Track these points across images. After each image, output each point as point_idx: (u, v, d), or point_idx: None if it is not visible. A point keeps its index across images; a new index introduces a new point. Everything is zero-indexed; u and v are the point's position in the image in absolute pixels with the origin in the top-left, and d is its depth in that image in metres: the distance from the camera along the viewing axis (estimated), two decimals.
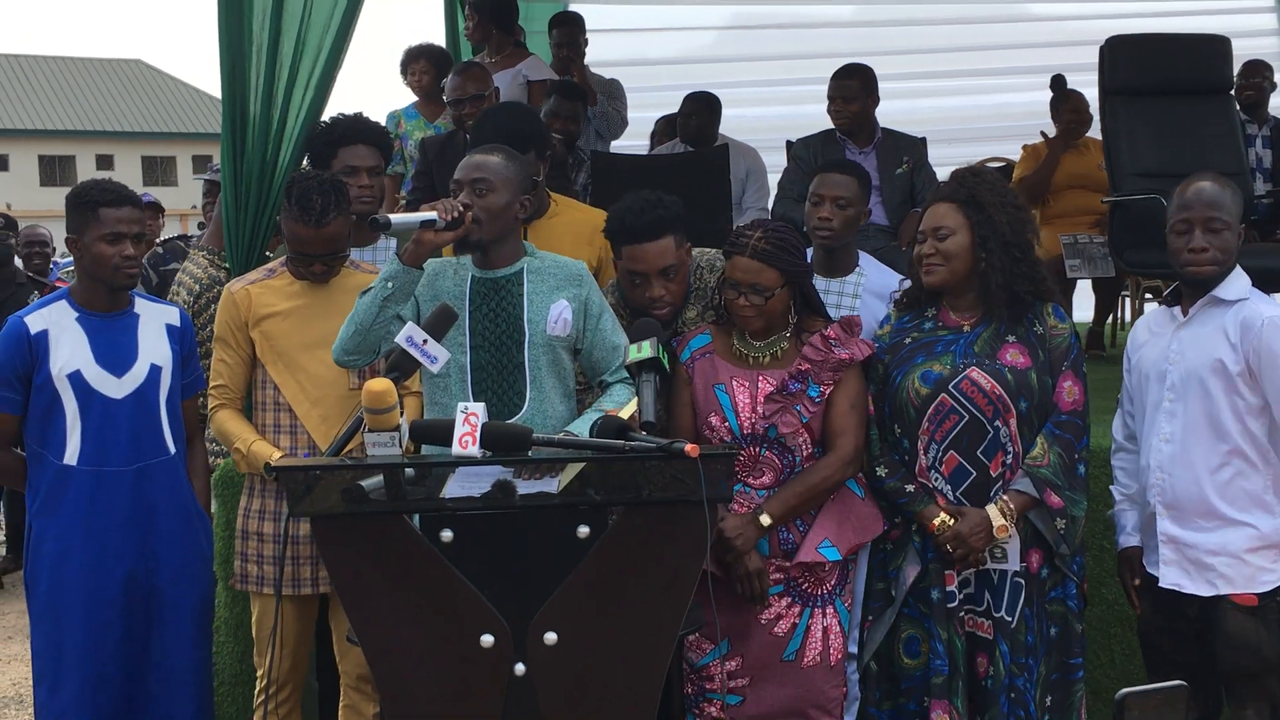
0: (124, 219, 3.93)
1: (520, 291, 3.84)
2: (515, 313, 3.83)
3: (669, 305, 4.11)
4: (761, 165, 7.49)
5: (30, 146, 44.67)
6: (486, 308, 3.82)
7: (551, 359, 3.85)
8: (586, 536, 2.98)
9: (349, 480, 3.01)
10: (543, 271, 3.88)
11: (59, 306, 4.01)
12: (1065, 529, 3.87)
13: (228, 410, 4.25)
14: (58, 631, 3.97)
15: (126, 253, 3.93)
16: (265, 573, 4.23)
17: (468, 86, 6.13)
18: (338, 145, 4.57)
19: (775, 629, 3.93)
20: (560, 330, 3.84)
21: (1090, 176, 7.65)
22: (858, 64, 6.43)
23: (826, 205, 4.50)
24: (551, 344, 3.84)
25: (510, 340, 3.82)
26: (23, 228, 9.11)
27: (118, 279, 3.97)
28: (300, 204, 4.09)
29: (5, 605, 7.71)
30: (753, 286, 3.88)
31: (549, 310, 3.83)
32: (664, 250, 4.02)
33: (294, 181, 4.21)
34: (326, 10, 4.94)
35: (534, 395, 3.81)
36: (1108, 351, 8.01)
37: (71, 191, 4.05)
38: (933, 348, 3.95)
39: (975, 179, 3.99)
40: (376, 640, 3.02)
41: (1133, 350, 4.06)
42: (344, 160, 4.54)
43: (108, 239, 3.92)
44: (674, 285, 4.09)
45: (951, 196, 3.95)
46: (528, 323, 3.82)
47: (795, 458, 3.93)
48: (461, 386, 3.81)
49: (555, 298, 3.85)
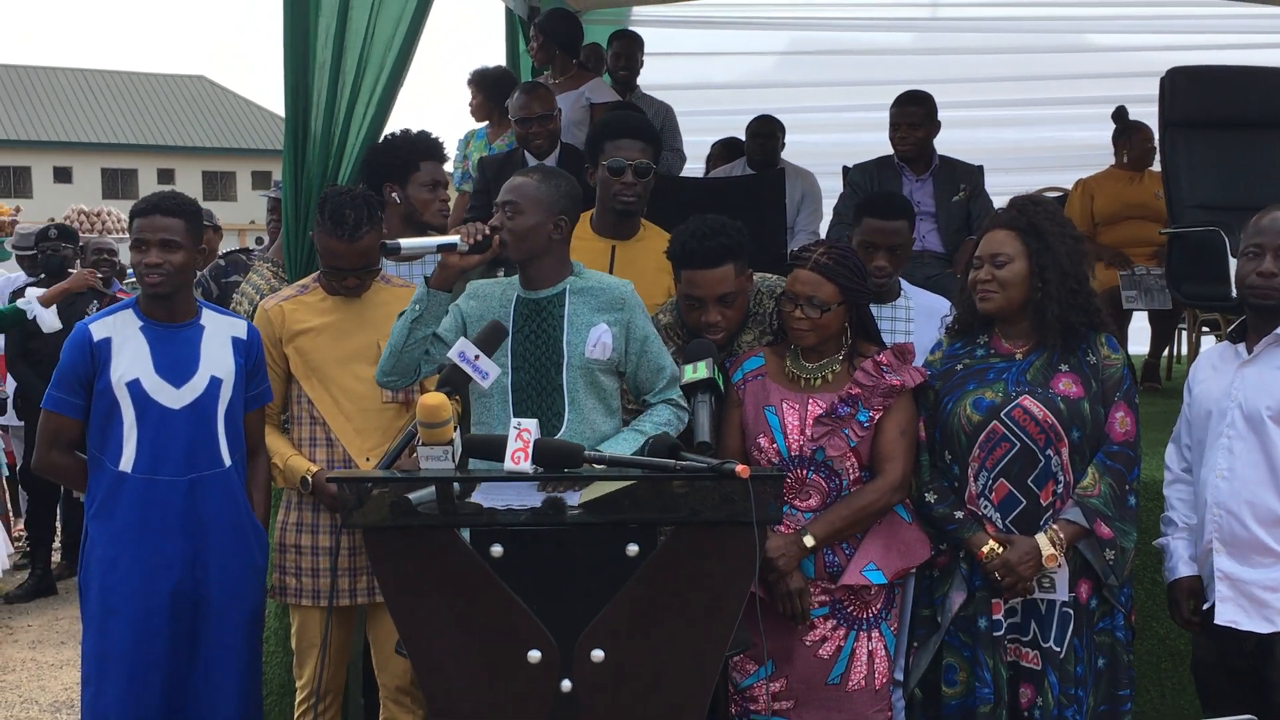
0: (147, 227, 3.98)
1: (561, 313, 3.87)
2: (555, 334, 3.85)
3: (724, 331, 4.13)
4: (817, 189, 7.50)
5: (94, 160, 45.23)
6: (529, 329, 3.85)
7: (590, 381, 3.86)
8: (635, 555, 2.99)
9: (400, 494, 3.04)
10: (585, 293, 3.90)
11: (124, 315, 4.06)
12: (1114, 560, 3.85)
13: (269, 425, 4.34)
14: (104, 635, 4.00)
15: (148, 260, 3.96)
16: (304, 585, 4.29)
17: (534, 106, 6.18)
18: (421, 158, 4.67)
19: (820, 651, 3.92)
20: (600, 354, 3.86)
21: (1147, 206, 7.59)
22: (921, 91, 6.45)
23: (881, 254, 4.53)
24: (589, 367, 3.85)
25: (549, 361, 3.84)
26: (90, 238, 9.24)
27: (145, 286, 4.03)
28: (333, 218, 4.16)
29: (60, 611, 7.80)
30: (810, 300, 3.89)
31: (588, 333, 3.86)
32: (723, 278, 4.06)
33: (327, 197, 4.27)
34: (389, 29, 5.01)
35: (572, 416, 3.83)
36: (1163, 384, 7.95)
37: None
38: (985, 375, 3.93)
39: (1035, 207, 3.97)
40: (425, 652, 3.05)
41: (1194, 384, 4.03)
42: (428, 174, 4.67)
43: (137, 247, 3.99)
44: (730, 312, 4.11)
45: (1010, 224, 3.94)
46: (567, 345, 3.84)
47: (842, 481, 3.93)
48: (504, 406, 3.84)
49: (596, 320, 3.87)
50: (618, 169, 4.57)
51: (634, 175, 4.58)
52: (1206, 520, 3.87)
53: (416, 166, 4.64)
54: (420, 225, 4.60)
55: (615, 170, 4.57)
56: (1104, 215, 7.76)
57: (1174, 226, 6.55)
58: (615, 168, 4.57)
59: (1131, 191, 7.82)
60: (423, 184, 4.62)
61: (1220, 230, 6.14)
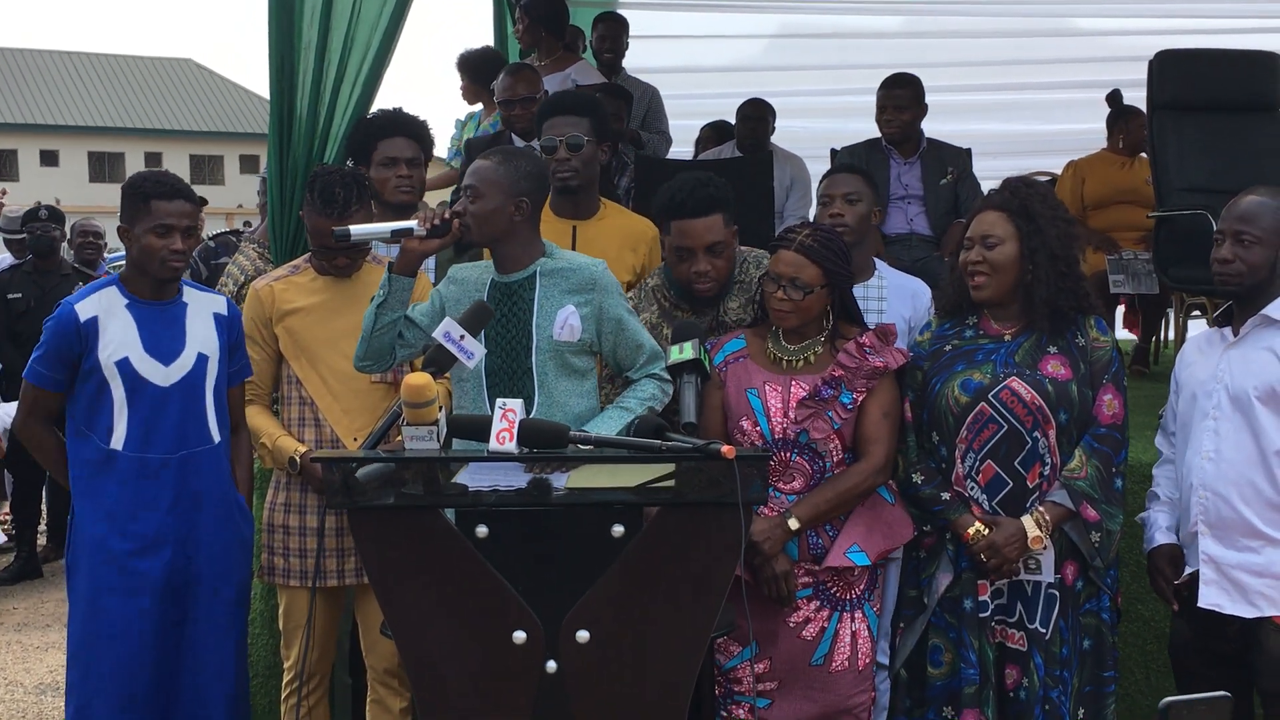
0: (174, 212, 3.93)
1: (531, 296, 3.86)
2: (525, 318, 3.85)
3: (713, 281, 4.15)
4: (806, 174, 7.49)
5: (81, 143, 45.09)
6: (501, 312, 3.84)
7: (560, 363, 3.85)
8: (621, 536, 2.98)
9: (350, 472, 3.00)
10: (556, 275, 3.88)
11: (109, 293, 4.02)
12: (1100, 542, 3.86)
13: (255, 406, 4.34)
14: (94, 613, 3.98)
15: (175, 246, 3.94)
16: (291, 566, 4.29)
17: (518, 88, 6.15)
18: (376, 138, 4.63)
19: (804, 633, 3.92)
20: (568, 335, 3.84)
21: (1138, 191, 7.57)
22: (907, 73, 6.45)
23: (837, 202, 4.46)
24: (559, 349, 3.84)
25: (519, 345, 3.84)
26: (76, 220, 9.21)
27: (164, 272, 3.99)
28: (323, 197, 4.16)
29: (45, 594, 7.79)
30: (793, 281, 3.88)
31: (555, 316, 3.85)
32: (711, 226, 4.09)
33: (316, 175, 4.27)
34: (375, 9, 5.00)
35: (541, 399, 3.82)
36: (1152, 369, 7.96)
37: (127, 181, 4.06)
38: (973, 356, 3.93)
39: (1027, 189, 3.97)
40: (410, 633, 3.04)
41: (1181, 369, 4.02)
42: (383, 152, 4.60)
43: (157, 231, 3.93)
44: (719, 262, 4.14)
45: (1003, 205, 3.93)
46: (535, 328, 3.84)
47: (826, 464, 3.93)
48: (478, 389, 3.84)
49: (564, 303, 3.85)
50: (550, 147, 4.56)
51: (567, 150, 4.56)
52: (1192, 503, 3.85)
53: (374, 145, 4.62)
54: (385, 205, 4.57)
55: (548, 149, 4.56)
56: (1094, 199, 7.76)
57: (1161, 210, 6.55)
58: (548, 147, 4.57)
59: (1123, 176, 7.82)
60: (379, 163, 4.59)
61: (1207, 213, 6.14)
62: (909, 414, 4.01)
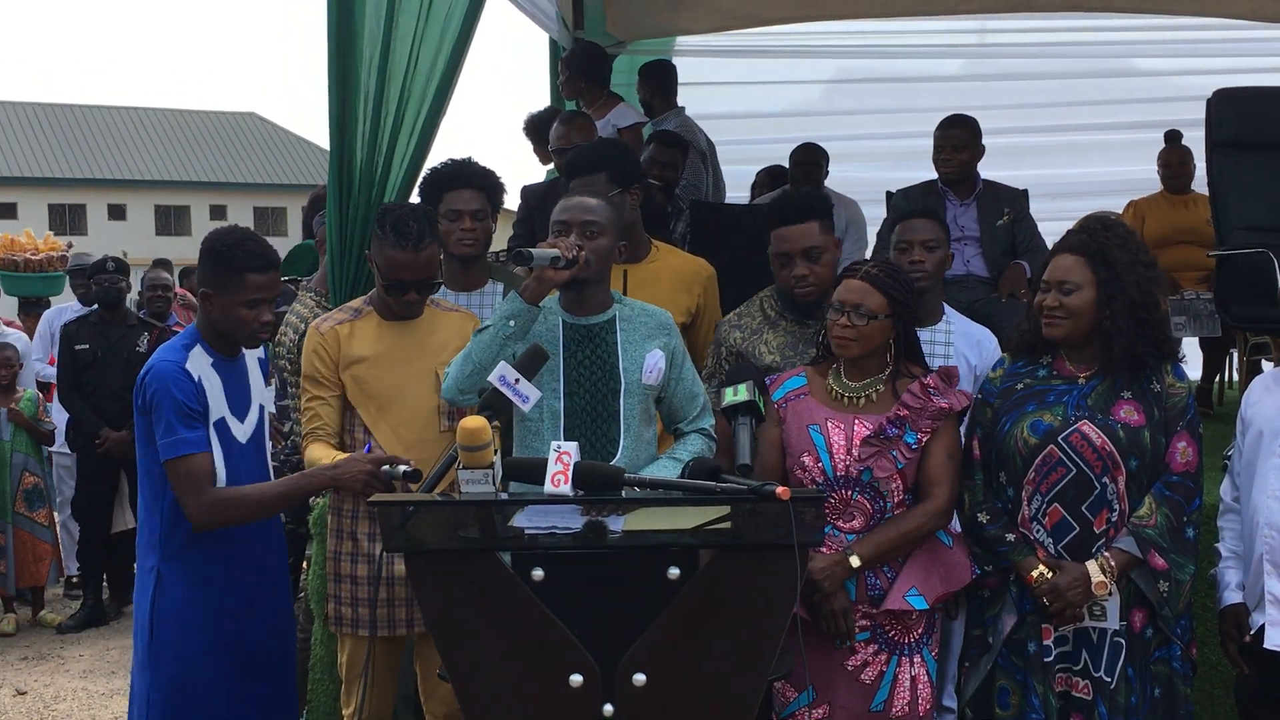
0: (265, 284, 3.86)
1: (614, 339, 3.88)
2: (610, 360, 3.86)
3: (813, 286, 4.27)
4: (861, 217, 7.49)
5: (147, 196, 45.81)
6: (581, 354, 3.85)
7: (644, 407, 3.89)
8: (677, 578, 2.98)
9: (447, 517, 3.02)
10: (633, 320, 3.92)
11: (197, 351, 3.90)
12: (1169, 591, 3.77)
13: (322, 442, 4.22)
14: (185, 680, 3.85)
15: (265, 318, 3.87)
16: (360, 615, 4.22)
17: (572, 136, 6.17)
18: (443, 189, 4.59)
19: (862, 676, 3.87)
20: (654, 380, 3.88)
21: (1198, 231, 7.53)
22: (964, 114, 6.44)
23: (915, 249, 4.53)
24: (645, 393, 3.88)
25: (606, 388, 3.85)
26: (145, 272, 9.37)
27: (251, 342, 3.96)
28: (396, 230, 4.14)
29: (112, 641, 7.86)
30: (857, 308, 3.85)
31: (644, 359, 3.87)
32: (806, 232, 4.26)
33: (385, 211, 4.25)
34: (430, 59, 5.04)
35: (628, 443, 3.83)
36: (1215, 410, 7.87)
37: (216, 243, 3.91)
38: (1045, 397, 3.88)
39: (1105, 231, 3.86)
40: (467, 677, 3.04)
41: (1247, 407, 3.96)
42: (448, 204, 4.55)
43: (249, 304, 3.85)
44: (819, 268, 4.27)
45: (1080, 249, 3.84)
46: (623, 371, 3.85)
47: (887, 504, 3.89)
48: (554, 431, 3.83)
49: (648, 346, 3.89)
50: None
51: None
52: (1257, 541, 3.79)
53: (440, 197, 4.57)
54: (450, 256, 4.58)
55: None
56: (1154, 238, 7.67)
57: (1221, 248, 6.49)
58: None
59: (1183, 216, 7.79)
60: (444, 215, 4.54)
61: (1268, 252, 6.09)
62: (977, 452, 3.97)
